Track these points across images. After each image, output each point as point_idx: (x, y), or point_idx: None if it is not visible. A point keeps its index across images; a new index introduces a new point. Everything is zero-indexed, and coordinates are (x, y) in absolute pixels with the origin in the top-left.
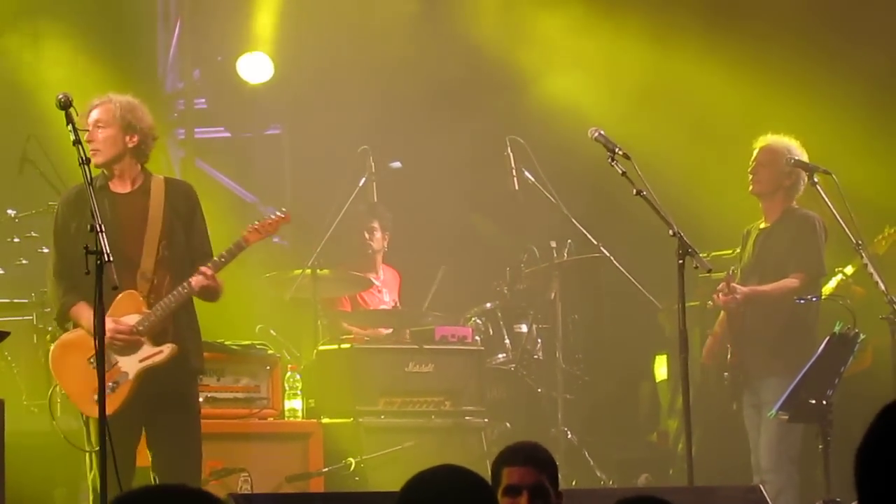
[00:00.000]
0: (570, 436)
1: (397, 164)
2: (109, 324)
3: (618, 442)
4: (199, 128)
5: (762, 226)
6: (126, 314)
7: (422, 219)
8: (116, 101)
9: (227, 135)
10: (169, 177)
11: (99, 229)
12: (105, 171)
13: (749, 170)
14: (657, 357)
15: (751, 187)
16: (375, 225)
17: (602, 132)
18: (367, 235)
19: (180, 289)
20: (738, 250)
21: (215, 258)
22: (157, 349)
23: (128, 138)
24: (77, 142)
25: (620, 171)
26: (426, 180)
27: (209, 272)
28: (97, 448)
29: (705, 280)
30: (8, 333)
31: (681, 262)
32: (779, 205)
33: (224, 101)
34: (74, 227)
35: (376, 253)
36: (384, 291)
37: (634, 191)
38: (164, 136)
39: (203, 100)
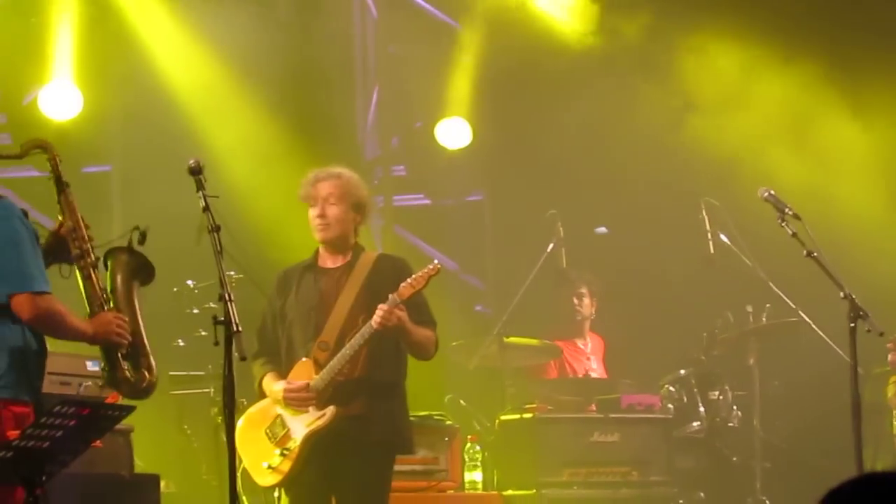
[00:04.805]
0: None
1: (603, 230)
2: (283, 384)
3: None
4: (398, 195)
5: None
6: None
7: (615, 285)
8: (346, 177)
9: (427, 201)
10: (385, 254)
11: (228, 299)
12: (321, 247)
13: None
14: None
15: None
16: (584, 291)
17: (772, 192)
18: (575, 301)
19: (354, 342)
20: None
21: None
22: (321, 413)
23: (355, 216)
24: (206, 208)
25: (791, 233)
26: (619, 245)
27: (385, 306)
28: None
29: None
30: (134, 407)
31: (852, 325)
32: None
33: (423, 168)
34: (279, 306)
35: (585, 319)
36: (592, 359)
37: (805, 252)
38: None
39: (402, 166)
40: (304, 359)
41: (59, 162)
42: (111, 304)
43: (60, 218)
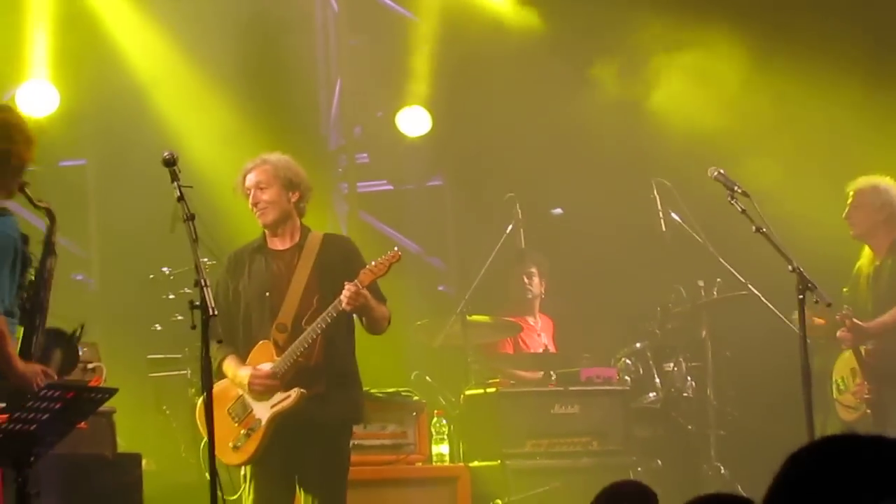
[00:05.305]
0: (723, 471)
1: (559, 211)
2: (248, 371)
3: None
4: (362, 182)
5: (877, 263)
6: (259, 363)
7: (571, 263)
8: (271, 160)
9: (390, 187)
10: (330, 234)
11: (204, 284)
12: (267, 230)
13: (843, 215)
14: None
15: (851, 232)
16: (533, 270)
17: (722, 171)
18: (525, 280)
19: (316, 325)
20: (847, 289)
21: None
22: (285, 394)
23: (290, 195)
24: (181, 198)
25: (740, 209)
26: (574, 224)
27: (352, 286)
28: (234, 496)
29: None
30: (116, 390)
31: (801, 297)
32: (883, 239)
33: (385, 155)
34: (232, 287)
35: (535, 298)
36: (542, 335)
37: (754, 228)
38: (329, 191)
39: (365, 154)
40: (263, 341)
41: (56, 231)
42: None
43: (33, 276)
